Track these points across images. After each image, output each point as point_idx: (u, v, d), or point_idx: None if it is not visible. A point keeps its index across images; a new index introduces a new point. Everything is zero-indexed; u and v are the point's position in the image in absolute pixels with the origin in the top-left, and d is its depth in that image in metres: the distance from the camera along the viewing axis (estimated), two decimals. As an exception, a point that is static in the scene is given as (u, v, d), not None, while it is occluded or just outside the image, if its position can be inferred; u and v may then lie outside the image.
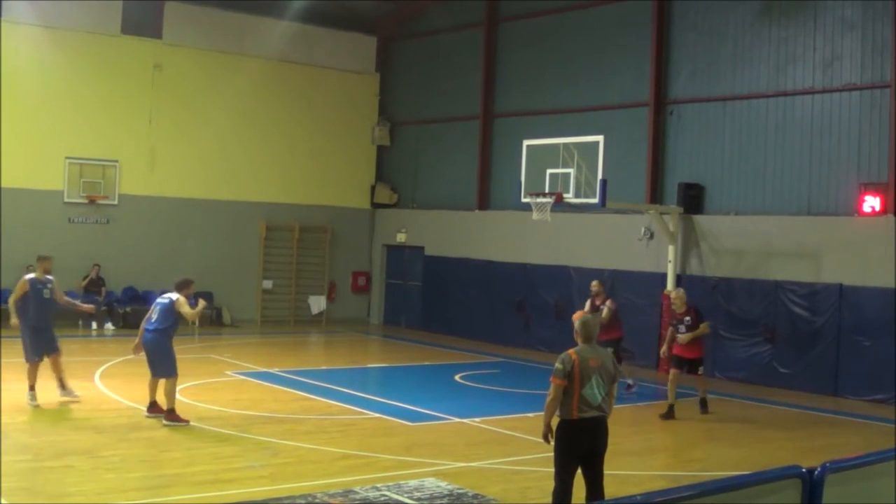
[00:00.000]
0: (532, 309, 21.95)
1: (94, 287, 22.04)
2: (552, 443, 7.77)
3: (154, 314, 11.86)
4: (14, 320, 12.54)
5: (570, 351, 7.76)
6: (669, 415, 13.86)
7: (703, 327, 14.23)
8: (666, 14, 20.27)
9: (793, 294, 17.45)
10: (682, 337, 13.98)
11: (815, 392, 16.69)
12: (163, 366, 11.76)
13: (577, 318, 15.36)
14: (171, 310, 11.79)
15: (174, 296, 11.92)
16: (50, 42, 21.81)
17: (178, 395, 13.79)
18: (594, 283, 16.45)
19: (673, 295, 14.64)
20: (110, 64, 22.78)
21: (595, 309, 15.64)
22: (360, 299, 26.82)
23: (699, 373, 14.30)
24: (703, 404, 14.36)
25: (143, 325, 12.01)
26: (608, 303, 15.87)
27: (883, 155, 16.66)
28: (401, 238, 26.04)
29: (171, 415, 11.61)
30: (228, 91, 24.11)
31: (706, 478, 9.66)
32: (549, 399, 7.64)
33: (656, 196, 20.06)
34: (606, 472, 10.50)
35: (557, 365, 7.66)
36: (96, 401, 13.22)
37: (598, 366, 7.69)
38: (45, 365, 12.80)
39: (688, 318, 14.12)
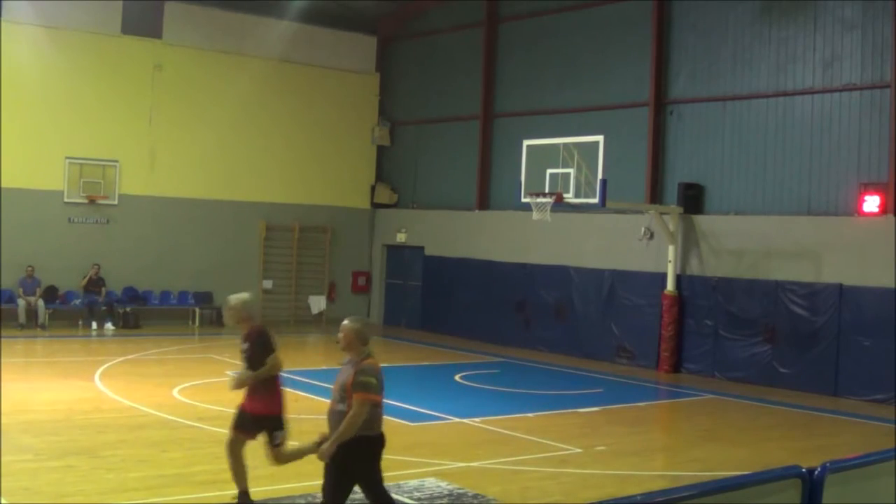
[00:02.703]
0: (532, 309, 21.95)
1: (93, 287, 22.04)
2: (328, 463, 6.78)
3: None
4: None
5: (371, 361, 6.86)
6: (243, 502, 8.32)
7: (272, 362, 8.20)
8: (666, 14, 20.27)
9: (793, 294, 17.45)
10: (231, 381, 8.45)
11: (815, 392, 16.69)
12: None
13: None
14: None
15: None
16: (50, 42, 21.80)
17: (178, 395, 13.86)
18: None
19: (227, 305, 8.47)
20: (110, 64, 22.78)
21: None
22: (360, 299, 26.82)
23: (277, 444, 8.20)
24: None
25: None
26: None
27: (883, 155, 16.66)
28: (401, 238, 26.04)
29: None
30: (228, 91, 24.11)
31: (706, 478, 9.66)
32: (360, 418, 6.62)
33: (656, 196, 20.06)
34: (607, 472, 10.54)
35: (371, 379, 6.71)
36: (96, 401, 13.21)
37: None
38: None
39: (246, 344, 8.33)
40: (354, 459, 6.72)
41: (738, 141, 18.93)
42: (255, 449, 10.74)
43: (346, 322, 7.05)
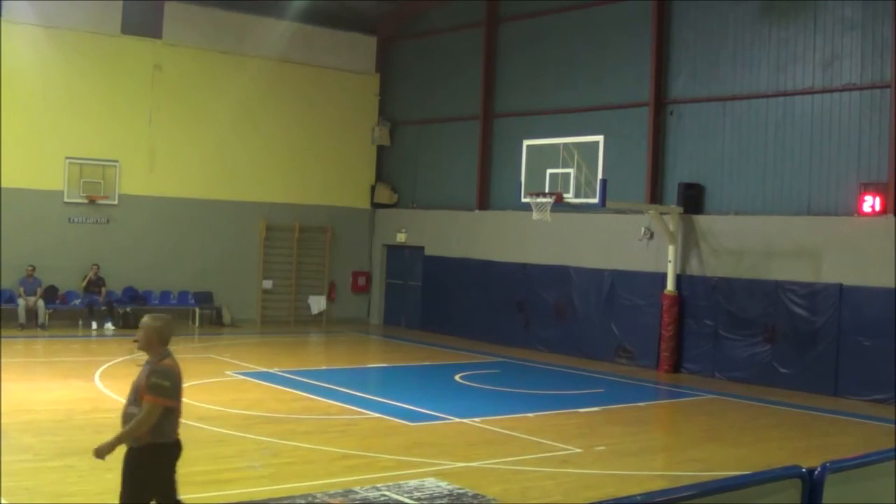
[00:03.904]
0: (532, 309, 21.95)
1: (93, 287, 22.05)
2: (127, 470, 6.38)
3: None
4: None
5: (169, 361, 6.44)
6: None
7: None
8: (666, 14, 20.27)
9: (793, 294, 17.45)
10: None
11: (815, 392, 16.69)
12: None
13: None
14: None
15: None
16: (50, 42, 21.81)
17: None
18: None
19: None
20: (110, 64, 22.78)
21: None
22: (360, 299, 26.82)
23: None
24: None
25: None
26: None
27: (883, 155, 16.66)
28: (401, 238, 26.04)
29: None
30: (228, 91, 24.11)
31: (706, 478, 9.67)
32: (147, 422, 6.25)
33: (656, 196, 20.06)
34: (607, 472, 10.54)
35: (164, 382, 6.31)
36: (96, 401, 13.21)
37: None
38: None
39: None
40: (147, 469, 6.30)
41: (738, 141, 18.92)
42: (256, 448, 10.76)
43: (145, 319, 6.58)
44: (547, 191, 17.89)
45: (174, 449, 6.50)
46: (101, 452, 6.41)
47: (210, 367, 17.04)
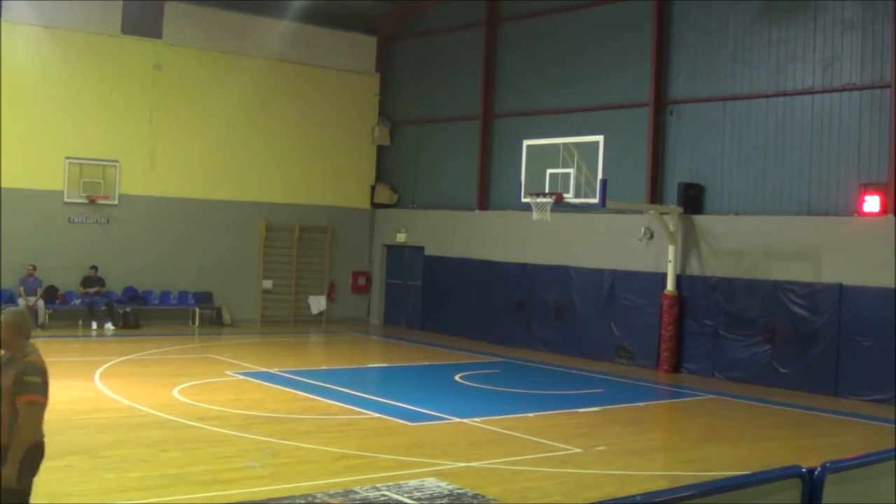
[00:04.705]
0: (532, 309, 21.95)
1: (91, 287, 22.03)
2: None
3: None
4: None
5: (34, 358, 5.99)
6: None
7: None
8: (666, 14, 20.27)
9: (793, 294, 17.45)
10: None
11: (815, 392, 16.69)
12: None
13: None
14: None
15: None
16: (50, 42, 21.80)
17: (178, 395, 13.86)
18: None
19: None
20: (110, 64, 22.77)
21: None
22: (360, 299, 26.82)
23: None
24: None
25: None
26: None
27: (883, 155, 16.66)
28: (401, 238, 26.04)
29: None
30: (228, 91, 24.10)
31: (706, 478, 9.66)
32: (32, 422, 5.85)
33: (656, 196, 20.06)
34: (607, 472, 10.55)
35: (36, 378, 5.87)
36: (96, 401, 13.21)
37: None
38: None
39: None
40: (33, 469, 5.94)
41: (738, 141, 18.92)
42: (256, 448, 10.75)
43: (2, 315, 6.12)
44: (547, 191, 17.89)
45: (42, 448, 6.04)
46: (14, 479, 5.77)
47: (210, 367, 17.03)
